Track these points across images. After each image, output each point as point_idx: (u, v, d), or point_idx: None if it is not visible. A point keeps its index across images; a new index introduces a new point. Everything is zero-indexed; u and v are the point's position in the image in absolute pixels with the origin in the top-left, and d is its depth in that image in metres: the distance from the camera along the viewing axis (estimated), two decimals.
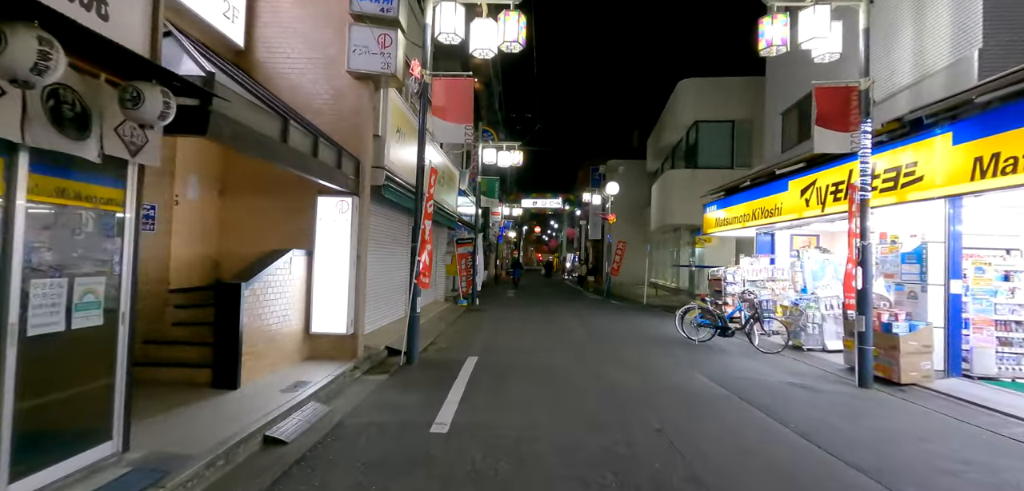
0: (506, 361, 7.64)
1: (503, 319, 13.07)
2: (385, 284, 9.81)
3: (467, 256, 16.33)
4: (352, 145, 7.00)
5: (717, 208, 14.06)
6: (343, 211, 6.81)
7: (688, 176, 20.22)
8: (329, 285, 6.77)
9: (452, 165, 15.36)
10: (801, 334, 9.36)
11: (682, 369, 7.42)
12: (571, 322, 12.82)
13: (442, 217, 13.65)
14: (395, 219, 10.20)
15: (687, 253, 23.12)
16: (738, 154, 19.89)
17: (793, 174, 9.81)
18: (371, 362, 7.16)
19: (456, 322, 12.11)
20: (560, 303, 18.70)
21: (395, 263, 10.47)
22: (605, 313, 15.58)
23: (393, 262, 10.21)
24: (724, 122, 20.07)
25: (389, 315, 9.94)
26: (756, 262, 13.52)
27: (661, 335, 10.93)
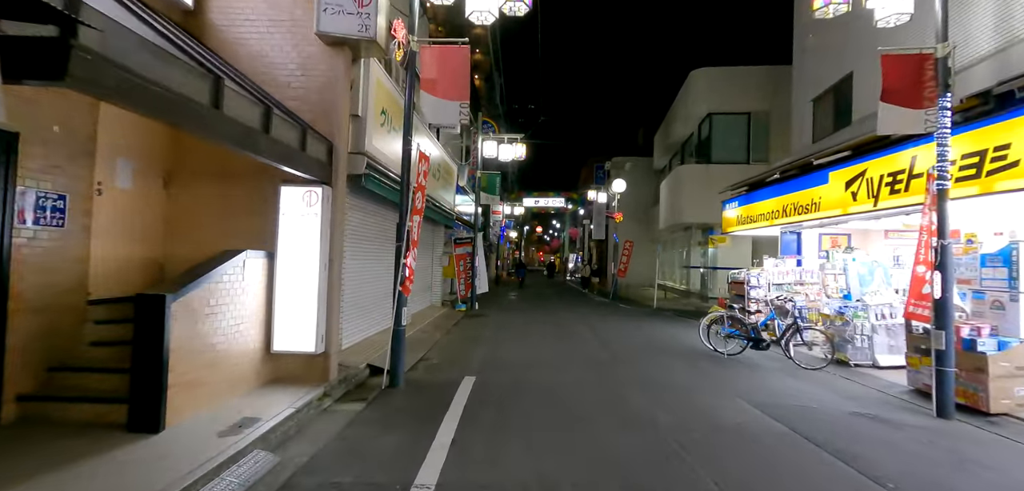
0: (509, 382, 6.44)
1: (505, 326, 11.88)
2: (370, 291, 8.62)
3: (466, 257, 15.15)
4: (323, 125, 5.81)
5: (738, 205, 12.86)
6: (312, 204, 5.62)
7: (701, 172, 19.01)
8: (295, 294, 5.57)
9: (450, 159, 14.20)
10: (847, 347, 8.16)
11: (720, 393, 6.22)
12: (580, 329, 11.62)
13: (438, 214, 12.47)
14: (381, 216, 9.00)
15: (698, 253, 21.92)
16: (754, 148, 18.69)
17: (835, 164, 8.60)
18: (347, 385, 5.96)
19: (453, 331, 10.91)
20: (565, 307, 17.52)
21: (383, 267, 9.27)
22: (615, 318, 14.38)
23: (380, 265, 9.02)
24: (739, 114, 18.86)
25: (375, 326, 8.75)
26: (781, 264, 12.32)
27: (683, 346, 9.72)
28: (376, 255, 8.88)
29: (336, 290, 5.99)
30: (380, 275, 8.93)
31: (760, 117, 18.66)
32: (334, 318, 5.89)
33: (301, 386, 5.47)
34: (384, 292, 9.18)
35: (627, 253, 23.77)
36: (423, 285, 13.47)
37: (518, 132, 15.13)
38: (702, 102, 19.19)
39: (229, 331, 4.91)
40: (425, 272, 13.76)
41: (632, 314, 15.90)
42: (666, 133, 25.06)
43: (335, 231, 5.89)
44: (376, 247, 8.86)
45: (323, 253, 5.67)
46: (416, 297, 12.54)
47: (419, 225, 6.50)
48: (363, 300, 8.27)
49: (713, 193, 18.60)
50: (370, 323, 8.59)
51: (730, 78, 18.82)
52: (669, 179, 21.68)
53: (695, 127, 20.45)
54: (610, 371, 7.26)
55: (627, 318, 14.65)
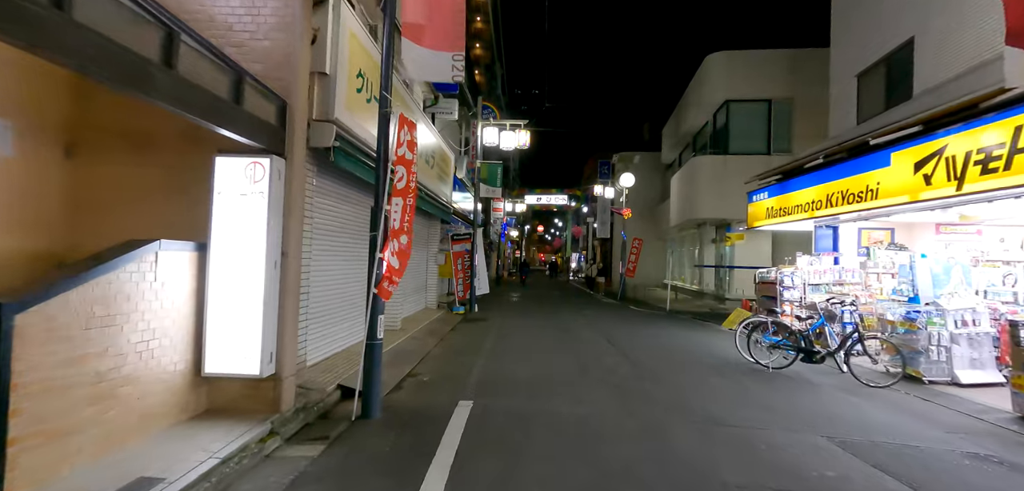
0: (514, 412, 5.08)
1: (508, 332, 10.53)
2: (352, 293, 7.27)
3: (464, 255, 13.81)
4: (276, 80, 4.46)
5: (767, 196, 11.51)
6: (256, 180, 4.27)
7: (718, 164, 17.67)
8: (235, 299, 4.22)
9: (447, 148, 12.85)
10: (919, 360, 6.80)
11: (789, 426, 4.86)
12: (591, 336, 10.27)
13: (433, 207, 11.12)
14: (365, 205, 7.66)
15: (712, 251, 20.57)
16: (776, 137, 17.34)
17: (900, 142, 7.25)
18: (306, 415, 4.62)
19: (449, 338, 9.56)
20: (572, 309, 16.17)
21: (365, 262, 7.95)
22: (627, 322, 13.03)
23: (364, 263, 7.68)
24: (759, 101, 17.51)
25: (356, 335, 7.40)
26: (817, 261, 10.98)
27: (715, 356, 8.36)
28: (358, 251, 7.53)
29: (293, 293, 4.64)
30: (358, 275, 7.59)
31: (782, 104, 17.31)
32: (288, 329, 4.54)
33: (242, 420, 4.13)
34: (361, 295, 7.84)
35: (636, 251, 22.43)
36: (417, 285, 12.12)
37: (521, 118, 13.74)
38: (719, 88, 17.84)
39: (133, 351, 3.56)
40: (419, 271, 12.41)
41: (645, 317, 14.55)
42: (676, 124, 23.70)
43: (291, 216, 4.54)
44: (358, 241, 7.52)
45: (272, 245, 4.32)
46: (409, 299, 11.20)
47: (407, 211, 5.16)
48: (341, 304, 6.93)
49: (731, 186, 17.26)
50: (350, 332, 7.24)
51: (749, 62, 17.46)
52: (682, 172, 20.32)
53: (710, 116, 19.10)
54: (639, 394, 5.90)
55: (641, 322, 13.30)
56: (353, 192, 6.99)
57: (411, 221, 5.28)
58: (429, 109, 13.41)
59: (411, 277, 11.43)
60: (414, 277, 11.80)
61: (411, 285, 11.38)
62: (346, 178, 6.58)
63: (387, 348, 7.63)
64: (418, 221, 11.98)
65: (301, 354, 5.35)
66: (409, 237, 5.29)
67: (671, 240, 28.35)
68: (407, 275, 11.22)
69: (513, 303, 17.64)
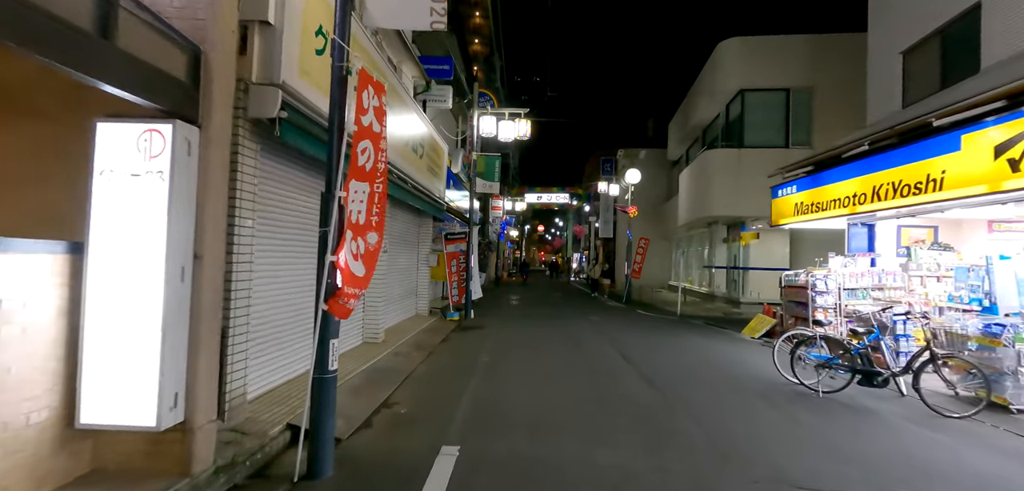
0: (513, 463, 3.87)
1: (506, 344, 9.33)
2: (308, 305, 6.06)
3: (459, 256, 12.62)
4: (184, 20, 3.27)
5: (796, 190, 10.33)
6: (155, 154, 3.07)
7: (731, 158, 16.49)
8: (125, 319, 3.03)
9: (439, 138, 11.67)
10: (1005, 384, 5.62)
11: (878, 484, 3.67)
12: (603, 348, 9.08)
13: (423, 202, 9.94)
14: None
15: (723, 251, 19.40)
16: (795, 129, 16.16)
17: (976, 122, 6.06)
18: (233, 474, 3.42)
19: (438, 352, 8.37)
20: (576, 313, 14.98)
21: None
22: (638, 329, 11.84)
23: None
24: (776, 90, 16.33)
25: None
26: (852, 263, 9.81)
27: (751, 376, 7.15)
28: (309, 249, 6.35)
29: (210, 312, 3.43)
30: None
31: (801, 93, 16.14)
32: (204, 361, 3.34)
33: (138, 487, 2.94)
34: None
35: (642, 252, 21.27)
36: (405, 290, 10.93)
37: (521, 109, 12.56)
38: (732, 77, 16.65)
39: None
40: (408, 274, 11.22)
41: (656, 324, 13.36)
42: (684, 118, 22.52)
43: (208, 206, 3.34)
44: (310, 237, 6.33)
45: (177, 245, 3.12)
46: (394, 306, 10.01)
47: (375, 202, 3.96)
48: (297, 319, 5.72)
49: (745, 181, 16.09)
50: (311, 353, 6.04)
51: (766, 49, 16.28)
52: (692, 168, 19.13)
53: (722, 108, 17.91)
54: (673, 434, 4.70)
55: (653, 330, 12.11)
56: (314, 178, 5.78)
57: (382, 214, 4.09)
58: (420, 96, 12.23)
59: (397, 282, 10.25)
60: (401, 281, 10.62)
61: (397, 290, 10.20)
62: (304, 161, 5.39)
63: (364, 366, 6.44)
64: (407, 219, 10.79)
65: (237, 387, 4.15)
66: (380, 236, 4.09)
67: (677, 240, 27.18)
68: (393, 280, 10.04)
69: (512, 307, 16.45)
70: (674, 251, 28.76)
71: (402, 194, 8.71)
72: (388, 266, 9.31)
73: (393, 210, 9.75)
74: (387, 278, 9.29)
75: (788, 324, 10.53)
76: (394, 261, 9.88)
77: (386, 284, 9.26)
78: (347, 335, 7.39)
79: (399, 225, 10.25)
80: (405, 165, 8.61)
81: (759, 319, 11.63)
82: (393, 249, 9.71)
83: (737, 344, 10.26)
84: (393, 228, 9.74)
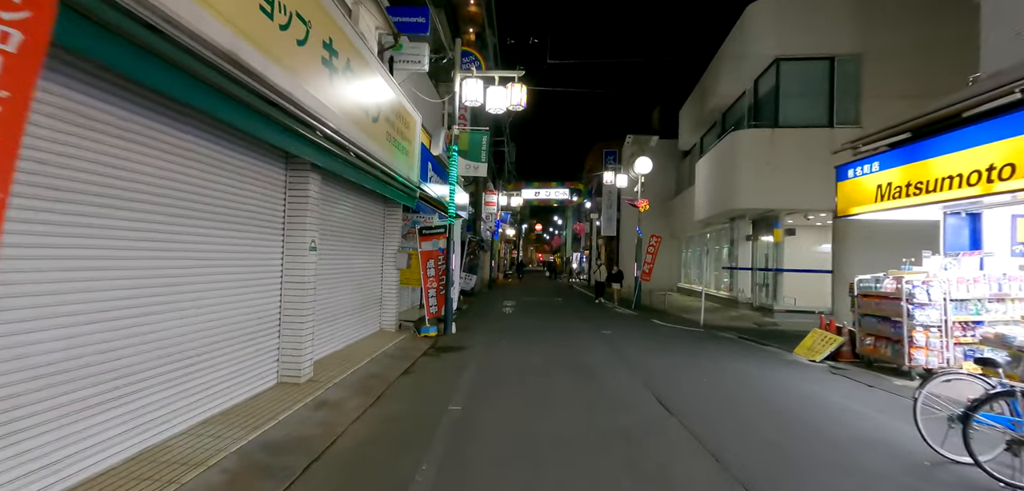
0: None
1: (492, 379, 6.78)
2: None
3: (437, 256, 10.07)
4: None
5: (878, 168, 7.81)
6: None
7: (763, 141, 13.99)
8: None
9: (410, 107, 9.16)
10: None
11: None
12: (625, 382, 6.55)
13: (384, 184, 7.40)
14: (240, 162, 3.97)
15: (747, 250, 16.92)
16: (841, 105, 13.66)
17: None
18: None
19: (390, 394, 5.81)
20: (582, 324, 12.38)
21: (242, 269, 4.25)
22: (663, 349, 9.29)
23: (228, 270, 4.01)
24: (818, 59, 13.85)
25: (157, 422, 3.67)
26: (955, 265, 7.33)
27: (862, 438, 4.59)
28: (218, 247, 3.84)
29: None
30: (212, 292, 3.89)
31: (847, 62, 13.64)
32: None
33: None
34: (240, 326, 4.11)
35: (653, 251, 18.76)
36: (361, 301, 8.37)
37: (514, 70, 10.02)
38: (766, 44, 14.13)
39: None
40: (367, 279, 8.66)
41: (680, 339, 10.82)
42: (700, 102, 20.02)
43: None
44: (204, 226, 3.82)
45: None
46: (340, 324, 7.46)
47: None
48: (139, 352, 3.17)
49: (781, 167, 13.62)
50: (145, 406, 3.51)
51: (806, 9, 13.75)
52: (713, 155, 16.62)
53: (750, 83, 15.42)
54: None
55: (680, 348, 9.57)
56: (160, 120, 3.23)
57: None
58: (388, 52, 9.70)
59: (349, 290, 7.70)
60: (357, 289, 8.06)
61: (347, 301, 7.63)
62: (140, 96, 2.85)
63: (249, 437, 3.80)
64: (365, 206, 8.25)
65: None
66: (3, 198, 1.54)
67: (689, 238, 24.72)
68: (342, 287, 7.49)
69: (505, 317, 13.89)
70: (684, 251, 26.30)
71: (357, 174, 6.23)
72: (328, 267, 6.76)
73: (343, 194, 7.17)
74: (330, 284, 6.73)
75: (865, 346, 8.03)
76: (342, 260, 7.32)
77: (330, 292, 6.70)
78: (243, 374, 4.85)
79: (352, 214, 7.69)
80: (360, 136, 6.15)
81: (818, 336, 9.13)
82: (338, 245, 7.15)
83: (798, 371, 7.75)
84: (341, 218, 7.17)
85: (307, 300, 5.53)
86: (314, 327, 5.83)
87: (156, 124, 3.53)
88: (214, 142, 4.23)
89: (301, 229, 5.47)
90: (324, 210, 6.40)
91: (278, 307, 5.42)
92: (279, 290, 5.43)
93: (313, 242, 5.60)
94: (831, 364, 8.33)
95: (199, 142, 4.03)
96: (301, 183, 5.48)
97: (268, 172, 5.16)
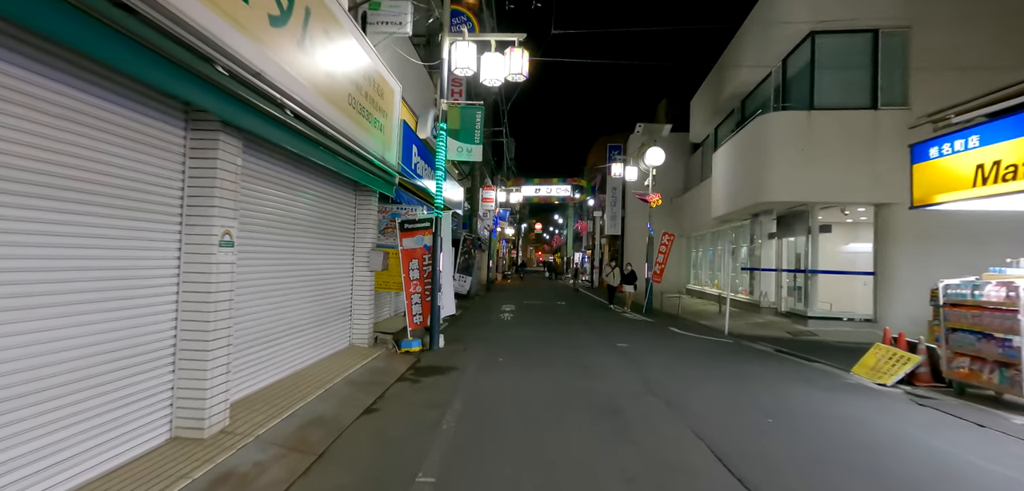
0: None
1: (484, 422, 5.09)
2: None
3: (421, 255, 8.37)
4: None
5: (978, 143, 6.15)
6: None
7: (798, 125, 12.33)
8: None
9: (389, 76, 7.53)
10: None
11: None
12: (663, 424, 4.87)
13: (351, 166, 5.70)
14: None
15: (771, 250, 15.26)
16: (886, 83, 12.00)
17: None
18: None
19: (344, 442, 4.12)
20: (592, 335, 10.66)
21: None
22: (696, 369, 7.60)
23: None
24: (860, 32, 12.17)
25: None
26: None
27: None
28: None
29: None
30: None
31: (893, 36, 11.98)
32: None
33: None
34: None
35: (665, 250, 17.10)
36: (323, 311, 6.68)
37: (515, 33, 8.36)
38: (799, 13, 12.44)
39: None
40: (329, 283, 6.95)
41: (709, 353, 9.15)
42: (715, 88, 18.37)
43: None
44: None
45: None
46: (303, 339, 5.75)
47: None
48: None
49: (818, 155, 11.97)
50: None
51: None
52: (737, 141, 14.95)
53: (779, 62, 13.74)
54: None
55: (721, 369, 7.89)
56: None
57: None
58: (362, 8, 8.05)
59: (303, 299, 5.97)
60: (314, 297, 6.34)
61: (300, 315, 5.90)
62: None
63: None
64: (327, 192, 6.57)
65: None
66: None
67: (699, 237, 23.09)
68: (292, 295, 5.80)
69: (504, 325, 12.21)
70: (694, 250, 24.66)
71: (299, 142, 4.54)
72: (270, 270, 5.08)
73: (293, 173, 5.46)
74: (273, 291, 5.05)
75: (956, 370, 6.37)
76: (293, 261, 5.61)
77: (271, 302, 5.01)
78: (106, 431, 3.17)
79: (308, 201, 5.98)
80: (308, 93, 4.48)
81: (882, 352, 7.48)
82: (287, 241, 5.44)
83: (875, 402, 6.08)
84: (291, 206, 5.45)
85: (218, 316, 3.85)
86: (234, 353, 4.16)
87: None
88: (49, 78, 2.56)
89: (207, 216, 3.79)
90: (258, 192, 4.71)
91: (173, 327, 3.74)
92: (174, 303, 3.75)
93: (227, 234, 3.91)
94: (907, 390, 6.69)
95: (22, 77, 2.36)
96: (206, 149, 3.80)
97: (153, 130, 3.48)
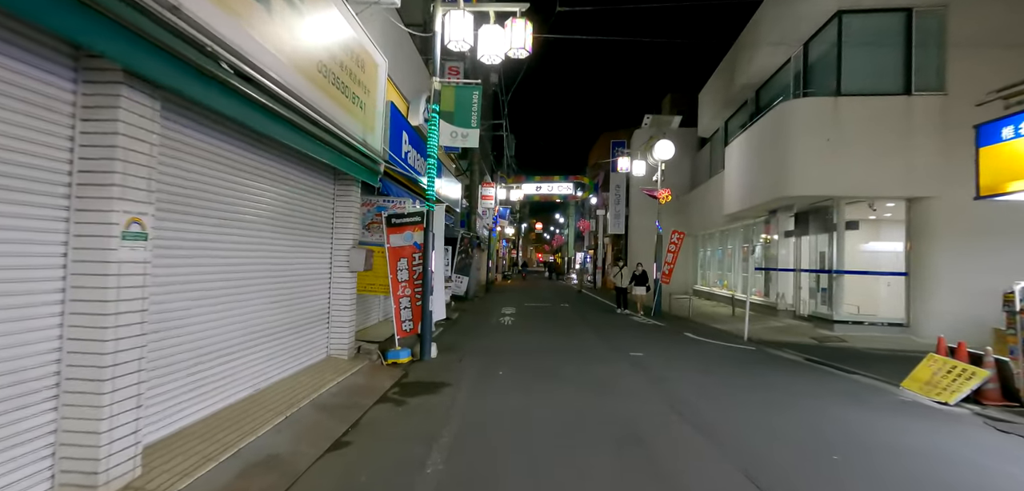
0: None
1: (480, 461, 4.12)
2: None
3: (411, 253, 7.39)
4: None
5: None
6: None
7: (824, 111, 11.36)
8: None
9: (375, 50, 6.54)
10: None
11: None
12: (707, 466, 3.90)
13: (326, 149, 4.71)
14: None
15: (789, 248, 14.30)
16: (920, 67, 11.02)
17: None
18: None
19: (316, 472, 3.16)
20: (601, 342, 9.66)
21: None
22: (733, 387, 6.58)
23: None
24: (892, 11, 11.20)
25: None
26: None
27: None
28: None
29: None
30: None
31: (928, 16, 11.01)
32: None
33: None
34: None
35: (675, 249, 16.14)
36: (300, 317, 5.68)
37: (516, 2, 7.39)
38: None
39: None
40: (301, 286, 5.95)
41: (741, 365, 8.17)
42: (728, 77, 17.39)
43: None
44: None
45: None
46: (263, 353, 4.75)
47: None
48: None
49: (845, 144, 11.00)
50: None
51: None
52: (754, 133, 13.97)
53: (799, 47, 12.76)
54: None
55: (753, 384, 6.90)
56: None
57: None
58: None
59: (264, 304, 4.95)
60: (281, 303, 5.34)
61: (261, 324, 4.88)
62: None
63: None
64: (300, 180, 5.57)
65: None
66: None
67: (707, 236, 22.15)
68: (250, 302, 4.78)
69: (504, 331, 11.22)
70: (701, 250, 23.70)
71: (270, 122, 3.56)
72: (219, 270, 4.08)
73: (246, 154, 4.44)
74: (222, 297, 4.04)
75: None
76: (254, 259, 4.60)
77: (217, 311, 3.99)
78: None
79: (275, 190, 4.97)
80: (278, 63, 3.47)
81: (938, 364, 6.53)
82: (246, 237, 4.43)
83: (945, 427, 5.10)
84: (249, 193, 4.43)
85: (121, 332, 2.87)
86: (161, 376, 3.18)
87: None
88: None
89: (105, 198, 2.81)
90: (199, 173, 3.73)
91: (57, 349, 2.76)
92: (59, 316, 2.77)
93: (134, 223, 2.93)
94: (974, 410, 5.73)
95: None
96: (103, 107, 2.82)
97: (25, 81, 2.51)
